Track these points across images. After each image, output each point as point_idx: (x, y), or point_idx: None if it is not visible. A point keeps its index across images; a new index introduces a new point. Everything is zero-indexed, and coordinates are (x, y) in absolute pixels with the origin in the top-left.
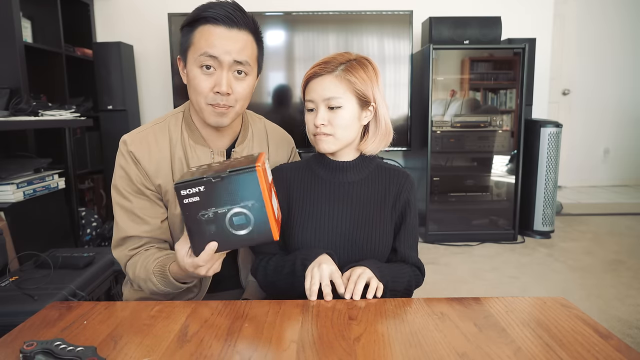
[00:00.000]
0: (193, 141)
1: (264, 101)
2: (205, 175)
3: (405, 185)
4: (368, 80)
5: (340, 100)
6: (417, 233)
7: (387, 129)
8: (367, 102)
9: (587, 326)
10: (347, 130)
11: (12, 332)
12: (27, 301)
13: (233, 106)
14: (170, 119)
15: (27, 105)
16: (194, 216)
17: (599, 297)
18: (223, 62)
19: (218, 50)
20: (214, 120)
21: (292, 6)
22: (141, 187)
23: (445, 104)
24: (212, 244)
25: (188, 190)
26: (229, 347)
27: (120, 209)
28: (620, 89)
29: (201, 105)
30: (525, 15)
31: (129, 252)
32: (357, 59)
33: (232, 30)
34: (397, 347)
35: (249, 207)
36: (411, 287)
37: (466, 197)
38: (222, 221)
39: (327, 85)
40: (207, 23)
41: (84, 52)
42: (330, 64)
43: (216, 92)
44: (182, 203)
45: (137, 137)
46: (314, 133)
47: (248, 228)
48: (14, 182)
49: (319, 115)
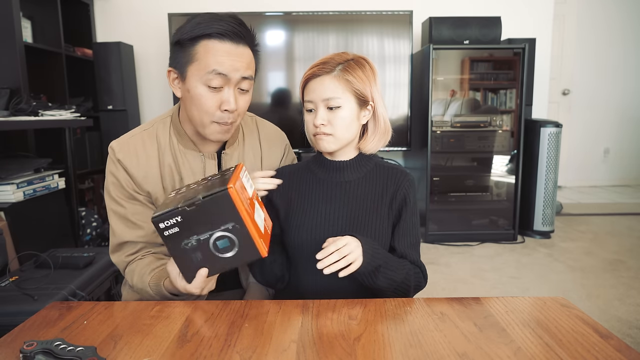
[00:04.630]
0: (183, 146)
1: (264, 101)
2: (180, 205)
3: (402, 183)
4: (366, 80)
5: (339, 100)
6: (417, 233)
7: (385, 127)
8: (366, 102)
9: (587, 326)
10: (346, 129)
11: (12, 332)
12: (27, 301)
13: (235, 122)
14: (157, 125)
15: (27, 105)
16: (178, 246)
17: (599, 297)
18: (232, 79)
19: (227, 68)
20: (217, 137)
21: (292, 6)
22: (132, 192)
23: (445, 104)
24: (203, 271)
25: (166, 223)
26: (229, 347)
27: (114, 214)
28: (620, 89)
29: (204, 123)
30: (525, 15)
31: (125, 259)
32: (354, 58)
33: (239, 47)
34: (397, 347)
35: (229, 229)
36: (409, 283)
37: (466, 197)
38: (207, 247)
39: (326, 85)
40: (211, 38)
41: (84, 52)
42: (329, 64)
43: (224, 110)
44: (163, 235)
45: (124, 144)
46: (313, 133)
47: (234, 249)
48: (14, 182)
49: (318, 116)
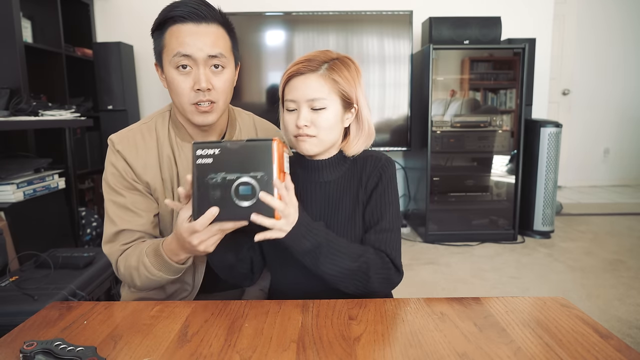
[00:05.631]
0: (180, 139)
1: (264, 101)
2: (223, 142)
3: (374, 171)
4: (352, 81)
5: (324, 101)
6: (388, 216)
7: (369, 130)
8: (350, 104)
9: (587, 326)
10: (330, 131)
11: (12, 332)
12: (27, 301)
13: (216, 102)
14: (157, 118)
15: (27, 105)
16: (203, 178)
17: (599, 297)
18: (197, 58)
19: (191, 48)
20: (200, 120)
21: (292, 6)
22: (132, 182)
23: (445, 104)
24: (214, 209)
25: (204, 151)
26: (229, 347)
27: (112, 204)
28: (620, 89)
29: (184, 107)
30: (525, 15)
31: (121, 247)
32: (339, 57)
33: (201, 25)
34: (397, 347)
35: (257, 178)
36: (369, 272)
37: (466, 197)
38: (228, 188)
39: (311, 85)
40: (175, 23)
41: (84, 52)
42: (313, 62)
43: (197, 89)
44: (195, 163)
45: (124, 136)
46: (295, 134)
47: (252, 200)
48: (14, 182)
49: (301, 116)
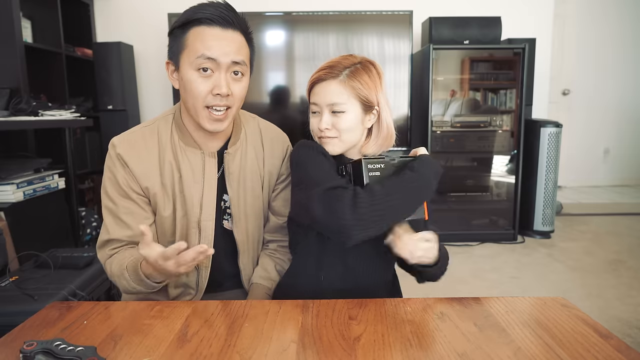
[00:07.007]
0: (184, 143)
1: (264, 101)
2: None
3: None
4: (372, 85)
5: (344, 105)
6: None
7: (388, 132)
8: (371, 106)
9: (587, 326)
10: (350, 133)
11: (12, 332)
12: (27, 301)
13: (231, 107)
14: (159, 122)
15: (27, 105)
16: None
17: (599, 297)
18: (221, 63)
19: (216, 52)
20: (212, 127)
21: (292, 6)
22: (127, 191)
23: (445, 104)
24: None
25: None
26: (229, 347)
27: (107, 211)
28: (620, 89)
29: (197, 109)
30: (525, 15)
31: (109, 252)
32: (361, 62)
33: (227, 31)
34: (397, 347)
35: None
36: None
37: (466, 197)
38: None
39: (332, 90)
40: (200, 24)
41: (84, 52)
42: (335, 69)
43: (216, 94)
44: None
45: (126, 139)
46: (319, 136)
47: None
48: (14, 182)
49: (323, 120)
